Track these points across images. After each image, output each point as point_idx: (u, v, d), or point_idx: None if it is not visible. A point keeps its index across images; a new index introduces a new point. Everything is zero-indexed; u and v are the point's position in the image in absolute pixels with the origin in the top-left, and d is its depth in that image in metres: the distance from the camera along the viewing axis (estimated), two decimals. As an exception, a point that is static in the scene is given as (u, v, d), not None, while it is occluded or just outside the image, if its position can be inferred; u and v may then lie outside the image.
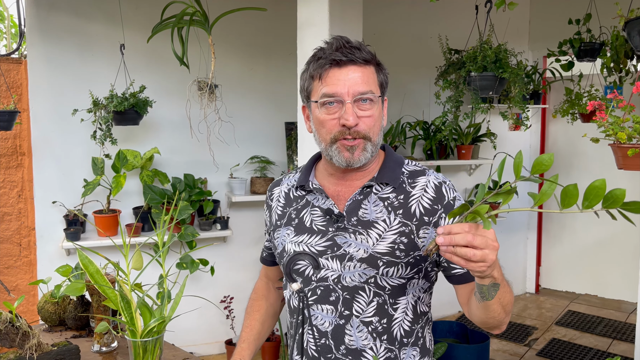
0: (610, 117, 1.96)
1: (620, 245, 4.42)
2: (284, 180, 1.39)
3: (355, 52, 1.16)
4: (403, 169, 1.26)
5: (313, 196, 1.28)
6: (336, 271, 1.20)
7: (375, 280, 1.19)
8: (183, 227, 3.13)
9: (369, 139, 1.17)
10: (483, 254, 0.91)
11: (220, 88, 2.93)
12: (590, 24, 3.32)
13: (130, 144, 3.26)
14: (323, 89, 1.16)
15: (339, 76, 1.15)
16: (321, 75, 1.17)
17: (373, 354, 1.20)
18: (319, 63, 1.18)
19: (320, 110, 1.18)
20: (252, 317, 1.47)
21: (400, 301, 1.21)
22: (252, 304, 1.50)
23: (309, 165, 1.34)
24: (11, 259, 3.14)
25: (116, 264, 1.38)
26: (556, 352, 3.64)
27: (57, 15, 3.08)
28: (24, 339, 1.38)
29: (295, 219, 1.29)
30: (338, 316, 1.21)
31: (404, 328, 1.22)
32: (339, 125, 1.15)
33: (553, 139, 4.75)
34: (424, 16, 4.00)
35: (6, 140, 3.07)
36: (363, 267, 1.18)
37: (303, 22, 2.39)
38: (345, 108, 1.14)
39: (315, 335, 1.24)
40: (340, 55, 1.15)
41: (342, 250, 1.20)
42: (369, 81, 1.17)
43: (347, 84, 1.14)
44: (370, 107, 1.16)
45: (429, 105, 4.05)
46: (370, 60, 1.18)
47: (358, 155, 1.17)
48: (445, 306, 4.19)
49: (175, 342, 2.49)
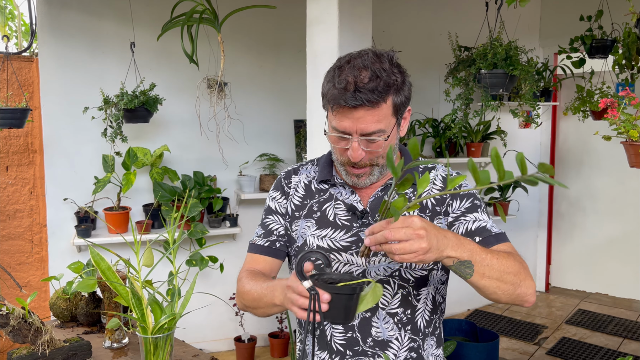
0: (622, 115, 1.94)
1: (632, 243, 4.38)
2: (301, 170, 1.37)
3: (367, 95, 1.10)
4: (419, 167, 1.31)
5: (337, 190, 1.30)
6: (361, 266, 1.24)
7: (399, 273, 1.23)
8: (193, 225, 3.14)
9: (376, 165, 1.20)
10: (404, 246, 0.95)
11: (230, 86, 2.93)
12: (601, 20, 3.29)
13: (141, 142, 3.28)
14: (333, 121, 1.17)
15: (348, 114, 1.13)
16: (332, 107, 1.15)
17: (398, 345, 1.25)
18: (332, 94, 1.13)
19: (331, 135, 1.19)
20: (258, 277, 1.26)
21: (422, 292, 1.26)
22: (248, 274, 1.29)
23: (328, 161, 1.34)
24: (23, 255, 3.17)
25: (127, 260, 1.39)
26: (566, 351, 3.62)
27: (68, 13, 3.10)
28: (36, 334, 1.39)
29: (317, 212, 1.29)
30: None
31: (425, 318, 1.28)
32: (346, 156, 1.18)
33: (564, 136, 4.71)
34: (433, 13, 3.98)
35: (18, 138, 3.10)
36: (388, 261, 1.22)
37: (312, 19, 2.38)
38: (352, 145, 1.15)
39: (342, 329, 1.26)
40: (351, 100, 1.10)
41: None
42: (380, 119, 1.13)
43: (355, 123, 1.13)
44: (378, 141, 1.16)
45: (438, 103, 4.03)
46: (387, 94, 1.12)
47: (364, 180, 1.22)
48: (455, 304, 4.19)
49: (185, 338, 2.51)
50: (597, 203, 4.56)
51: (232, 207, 3.58)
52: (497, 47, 2.81)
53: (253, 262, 1.33)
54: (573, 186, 4.66)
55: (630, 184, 4.34)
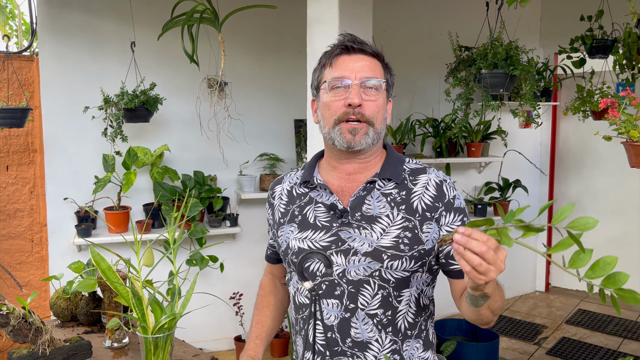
0: (623, 115, 1.94)
1: (632, 243, 4.38)
2: (285, 178, 1.41)
3: (365, 45, 1.25)
4: (404, 166, 1.30)
5: (317, 193, 1.30)
6: (341, 265, 1.22)
7: (379, 273, 1.21)
8: (193, 224, 3.14)
9: (371, 124, 1.22)
10: (487, 269, 0.93)
11: (230, 85, 2.93)
12: (602, 20, 3.29)
13: (141, 141, 3.28)
14: (333, 73, 1.23)
15: (348, 62, 1.22)
16: (332, 62, 1.24)
17: (379, 347, 1.22)
18: (330, 52, 1.26)
19: (328, 95, 1.23)
20: (262, 313, 1.47)
21: (403, 293, 1.24)
22: (261, 300, 1.50)
23: (312, 163, 1.36)
24: (23, 254, 3.17)
25: (127, 260, 1.39)
26: (566, 351, 3.62)
27: (69, 13, 3.10)
28: (36, 334, 1.39)
29: (299, 216, 1.30)
30: (343, 310, 1.22)
31: (407, 320, 1.25)
32: (344, 106, 1.20)
33: (564, 136, 4.71)
34: (434, 13, 3.98)
35: (18, 137, 3.10)
36: (368, 261, 1.20)
37: (313, 19, 2.39)
38: (351, 89, 1.20)
39: (322, 330, 1.25)
40: (351, 43, 1.23)
41: (346, 244, 1.22)
42: (376, 70, 1.23)
43: (355, 69, 1.21)
44: (375, 94, 1.22)
45: (438, 103, 4.03)
46: (379, 55, 1.26)
47: (359, 138, 1.21)
48: (454, 304, 4.18)
49: (185, 338, 2.51)
50: (598, 203, 4.56)
51: (233, 206, 3.58)
52: (498, 47, 2.81)
53: (269, 268, 1.53)
54: (573, 186, 4.66)
55: (631, 184, 4.34)
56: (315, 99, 1.32)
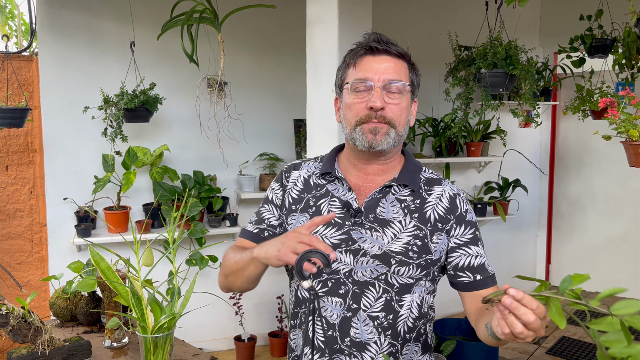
0: (622, 115, 1.94)
1: (632, 243, 4.38)
2: (303, 165, 1.38)
3: (390, 45, 1.22)
4: (421, 175, 1.31)
5: (334, 186, 1.29)
6: (348, 265, 1.22)
7: (385, 277, 1.22)
8: (192, 224, 3.14)
9: (393, 126, 1.20)
10: (527, 335, 0.92)
11: (230, 85, 2.93)
12: (601, 20, 3.29)
13: (141, 141, 3.28)
14: (356, 74, 1.21)
15: (372, 63, 1.20)
16: (355, 62, 1.22)
17: (377, 348, 1.23)
18: (355, 51, 1.24)
19: (351, 95, 1.22)
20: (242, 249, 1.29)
21: (405, 298, 1.24)
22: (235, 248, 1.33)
23: (331, 155, 1.35)
24: (23, 254, 3.17)
25: (127, 260, 1.39)
26: (566, 350, 3.63)
27: (68, 13, 3.10)
28: (36, 334, 1.39)
29: (313, 207, 1.29)
30: (346, 309, 1.23)
31: (408, 325, 1.26)
32: (366, 109, 1.19)
33: (564, 136, 4.71)
34: (433, 12, 3.98)
35: (18, 138, 3.10)
36: (375, 264, 1.21)
37: (312, 19, 2.38)
38: (374, 92, 1.18)
39: (324, 327, 1.26)
40: (376, 44, 1.21)
41: (356, 245, 1.22)
42: (401, 72, 1.21)
43: (378, 71, 1.19)
44: (399, 97, 1.20)
45: (438, 102, 4.03)
46: (405, 56, 1.24)
47: (380, 138, 1.20)
48: (454, 303, 4.16)
49: (185, 338, 2.51)
50: (597, 202, 4.56)
51: (232, 206, 3.58)
52: (497, 47, 2.81)
53: (242, 242, 1.36)
54: (573, 186, 4.66)
55: (630, 183, 4.34)
56: (338, 98, 1.31)
